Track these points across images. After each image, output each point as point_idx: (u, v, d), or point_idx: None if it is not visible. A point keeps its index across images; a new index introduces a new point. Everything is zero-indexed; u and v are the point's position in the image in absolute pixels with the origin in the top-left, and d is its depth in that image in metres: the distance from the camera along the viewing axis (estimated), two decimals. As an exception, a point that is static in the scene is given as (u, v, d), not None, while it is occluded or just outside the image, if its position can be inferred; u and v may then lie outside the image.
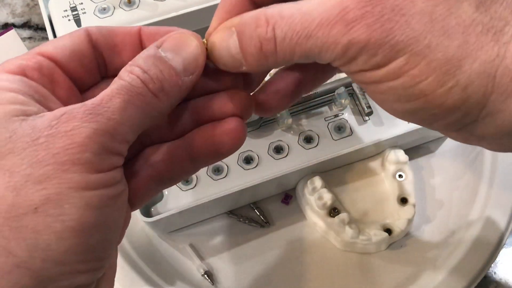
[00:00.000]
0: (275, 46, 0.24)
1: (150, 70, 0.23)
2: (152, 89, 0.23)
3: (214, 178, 0.43)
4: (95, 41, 0.26)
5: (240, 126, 0.26)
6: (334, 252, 0.44)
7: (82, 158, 0.21)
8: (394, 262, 0.43)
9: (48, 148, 0.21)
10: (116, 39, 0.26)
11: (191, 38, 0.25)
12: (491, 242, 0.42)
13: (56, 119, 0.21)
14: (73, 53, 0.25)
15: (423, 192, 0.45)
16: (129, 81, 0.23)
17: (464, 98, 0.23)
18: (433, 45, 0.22)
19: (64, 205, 0.21)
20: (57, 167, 0.21)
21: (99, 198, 0.21)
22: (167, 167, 0.26)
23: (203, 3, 0.47)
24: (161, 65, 0.24)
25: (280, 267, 0.44)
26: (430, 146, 0.47)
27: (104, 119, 0.22)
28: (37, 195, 0.20)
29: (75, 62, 0.25)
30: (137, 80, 0.23)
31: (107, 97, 0.22)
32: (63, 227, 0.20)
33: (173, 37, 0.25)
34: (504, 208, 0.43)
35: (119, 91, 0.22)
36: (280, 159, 0.44)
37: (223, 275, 0.43)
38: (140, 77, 0.23)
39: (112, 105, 0.22)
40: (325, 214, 0.42)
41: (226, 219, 0.45)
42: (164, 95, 0.24)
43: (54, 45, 0.25)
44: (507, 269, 0.44)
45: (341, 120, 0.45)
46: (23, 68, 0.24)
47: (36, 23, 0.57)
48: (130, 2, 0.48)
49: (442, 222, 0.44)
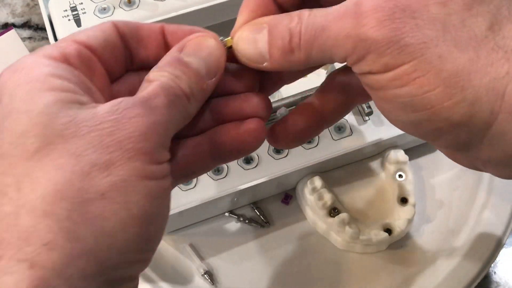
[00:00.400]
0: (300, 40, 0.24)
1: (180, 76, 0.24)
2: (186, 93, 0.24)
3: (214, 178, 0.43)
4: (123, 34, 0.26)
5: (262, 127, 0.27)
6: (334, 252, 0.44)
7: (144, 148, 0.21)
8: (394, 262, 0.43)
9: (112, 134, 0.21)
10: (141, 33, 0.26)
11: (211, 40, 0.26)
12: (491, 242, 0.42)
13: (117, 106, 0.22)
14: (107, 43, 0.25)
15: (423, 192, 0.45)
16: (165, 82, 0.23)
17: (470, 114, 0.22)
18: (444, 55, 0.22)
19: (130, 192, 0.21)
20: (122, 154, 0.21)
21: (158, 189, 0.22)
22: (189, 161, 0.27)
23: (203, 3, 0.47)
24: (187, 71, 0.24)
25: (280, 267, 0.44)
26: (430, 146, 0.47)
27: (158, 113, 0.22)
28: (104, 181, 0.20)
29: (108, 53, 0.25)
30: (172, 83, 0.23)
31: (153, 94, 0.23)
32: (128, 215, 0.21)
33: (193, 41, 0.25)
34: (504, 208, 0.43)
35: (162, 90, 0.23)
36: (280, 159, 0.44)
37: (223, 275, 0.43)
38: (174, 82, 0.24)
39: (160, 102, 0.22)
40: (325, 214, 0.42)
41: (226, 219, 0.45)
42: (194, 99, 0.24)
43: (87, 35, 0.25)
44: (507, 269, 0.44)
45: (341, 120, 0.45)
46: (66, 56, 0.24)
47: (36, 23, 0.57)
48: (130, 2, 0.48)
49: (442, 222, 0.44)
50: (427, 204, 0.45)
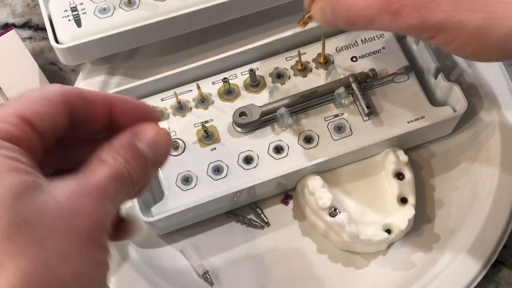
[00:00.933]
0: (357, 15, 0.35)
1: (131, 163, 0.26)
2: (133, 180, 0.26)
3: (214, 178, 0.43)
4: (71, 107, 0.26)
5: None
6: (334, 252, 0.44)
7: (97, 236, 0.24)
8: (394, 262, 0.43)
9: (71, 224, 0.23)
10: (90, 106, 0.27)
11: (166, 136, 0.28)
12: (491, 242, 0.42)
13: (75, 194, 0.23)
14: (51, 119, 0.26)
15: (423, 192, 0.45)
16: (118, 169, 0.25)
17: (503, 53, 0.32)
18: (463, 20, 0.31)
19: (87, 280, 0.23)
20: (80, 245, 0.23)
21: (106, 267, 0.25)
22: None
23: (203, 3, 0.47)
24: (139, 159, 0.26)
25: (280, 267, 0.44)
26: (430, 146, 0.47)
27: (108, 202, 0.24)
28: (66, 272, 0.22)
29: (50, 128, 0.26)
30: (124, 170, 0.25)
31: (106, 181, 0.24)
32: None
33: (150, 131, 0.27)
34: (504, 208, 0.43)
35: (114, 179, 0.25)
36: (280, 159, 0.44)
37: (223, 275, 0.43)
38: (125, 168, 0.25)
39: (112, 191, 0.24)
40: (325, 214, 0.42)
41: (226, 219, 0.45)
42: (137, 185, 0.26)
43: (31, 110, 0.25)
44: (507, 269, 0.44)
45: (341, 120, 0.45)
46: (14, 136, 0.24)
47: (37, 23, 0.57)
48: (130, 2, 0.48)
49: (442, 222, 0.44)
50: (427, 204, 0.45)
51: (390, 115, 0.45)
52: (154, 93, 0.47)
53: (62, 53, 0.47)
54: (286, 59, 0.47)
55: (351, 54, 0.47)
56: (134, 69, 0.52)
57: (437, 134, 0.47)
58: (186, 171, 0.43)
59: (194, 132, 0.45)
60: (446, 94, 0.45)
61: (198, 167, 0.44)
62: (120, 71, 0.51)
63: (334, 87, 0.44)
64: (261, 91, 0.47)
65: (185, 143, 0.45)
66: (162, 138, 0.28)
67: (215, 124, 0.45)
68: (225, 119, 0.45)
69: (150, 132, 0.27)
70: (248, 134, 0.45)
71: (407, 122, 0.44)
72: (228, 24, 0.50)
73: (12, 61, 0.50)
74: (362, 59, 0.47)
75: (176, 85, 0.47)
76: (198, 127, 0.45)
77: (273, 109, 0.44)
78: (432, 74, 0.46)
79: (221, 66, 0.47)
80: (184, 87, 0.47)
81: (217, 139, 0.45)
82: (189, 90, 0.47)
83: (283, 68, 0.47)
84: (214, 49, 0.52)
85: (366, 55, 0.47)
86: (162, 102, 0.46)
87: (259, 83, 0.47)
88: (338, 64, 0.47)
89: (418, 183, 0.45)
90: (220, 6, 0.48)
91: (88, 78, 0.50)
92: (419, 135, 0.45)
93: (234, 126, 0.45)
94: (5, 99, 0.50)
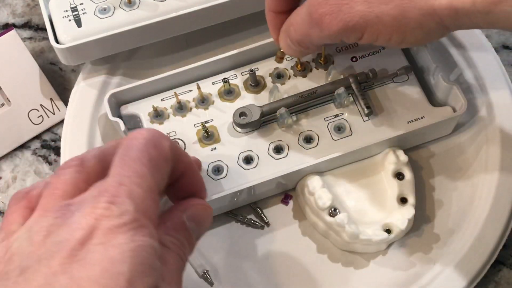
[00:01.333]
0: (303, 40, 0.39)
1: (183, 244, 0.29)
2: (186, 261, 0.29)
3: (214, 178, 0.43)
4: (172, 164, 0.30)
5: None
6: (334, 252, 0.44)
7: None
8: (394, 262, 0.43)
9: None
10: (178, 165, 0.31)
11: (211, 214, 0.32)
12: (491, 242, 0.42)
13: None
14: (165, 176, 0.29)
15: (423, 192, 0.45)
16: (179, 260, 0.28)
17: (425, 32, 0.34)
18: (379, 14, 0.33)
19: None
20: None
21: None
22: None
23: (203, 3, 0.47)
24: (188, 238, 0.29)
25: (280, 267, 0.44)
26: (430, 146, 0.47)
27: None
28: None
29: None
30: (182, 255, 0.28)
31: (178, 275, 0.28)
32: None
33: (199, 209, 0.31)
34: (504, 208, 0.43)
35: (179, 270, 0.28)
36: (280, 159, 0.44)
37: (223, 275, 0.43)
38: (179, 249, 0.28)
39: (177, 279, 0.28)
40: (325, 214, 0.42)
41: (226, 219, 0.45)
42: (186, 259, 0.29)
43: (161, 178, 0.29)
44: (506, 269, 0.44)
45: (341, 120, 0.45)
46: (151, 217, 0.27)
47: (37, 23, 0.57)
48: (130, 3, 0.48)
49: (442, 222, 0.44)
50: (427, 204, 0.45)
51: (390, 115, 0.45)
52: (154, 93, 0.47)
53: (62, 53, 0.47)
54: (286, 59, 0.47)
55: (351, 54, 0.47)
56: (134, 69, 0.52)
57: (437, 134, 0.47)
58: (186, 171, 0.43)
59: (194, 132, 0.45)
60: (446, 94, 0.45)
61: (198, 167, 0.44)
62: (120, 71, 0.51)
63: (334, 87, 0.44)
64: (261, 91, 0.47)
65: (185, 143, 0.45)
66: (209, 214, 0.32)
67: (215, 124, 0.45)
68: (225, 119, 0.45)
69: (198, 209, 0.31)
70: (248, 134, 0.45)
71: (407, 122, 0.44)
72: (228, 24, 0.50)
73: (12, 61, 0.50)
74: (362, 59, 0.47)
75: (176, 85, 0.47)
76: (198, 127, 0.45)
77: (273, 109, 0.44)
78: (432, 74, 0.46)
79: (221, 66, 0.47)
80: (184, 87, 0.47)
81: (217, 139, 0.45)
82: (189, 90, 0.47)
83: (283, 68, 0.47)
84: (214, 49, 0.52)
85: (366, 55, 0.47)
86: (162, 102, 0.47)
87: (259, 83, 0.47)
88: (338, 64, 0.47)
89: (418, 183, 0.45)
90: (220, 6, 0.48)
91: (88, 78, 0.50)
92: (419, 135, 0.45)
93: (234, 126, 0.45)
94: (5, 99, 0.50)
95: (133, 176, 0.26)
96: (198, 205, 0.31)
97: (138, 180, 0.26)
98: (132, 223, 0.25)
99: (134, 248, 0.24)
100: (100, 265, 0.23)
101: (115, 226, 0.25)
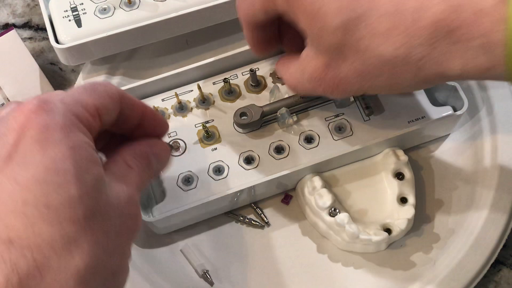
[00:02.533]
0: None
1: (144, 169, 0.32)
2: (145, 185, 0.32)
3: (215, 179, 0.43)
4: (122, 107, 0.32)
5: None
6: (334, 252, 0.44)
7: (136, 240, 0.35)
8: (394, 262, 0.43)
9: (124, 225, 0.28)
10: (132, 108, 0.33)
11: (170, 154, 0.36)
12: (490, 242, 0.42)
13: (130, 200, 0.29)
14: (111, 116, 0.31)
15: (423, 192, 0.46)
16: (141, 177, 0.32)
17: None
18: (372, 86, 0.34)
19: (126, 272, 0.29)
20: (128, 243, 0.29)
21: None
22: None
23: (203, 3, 0.47)
24: (149, 166, 0.33)
25: (280, 267, 0.44)
26: (430, 146, 0.47)
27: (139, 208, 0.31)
28: (116, 263, 0.27)
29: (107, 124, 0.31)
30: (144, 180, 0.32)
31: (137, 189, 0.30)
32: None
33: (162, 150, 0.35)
34: (504, 208, 0.43)
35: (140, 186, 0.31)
36: (280, 159, 0.44)
37: (223, 275, 0.43)
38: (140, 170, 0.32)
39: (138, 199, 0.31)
40: (325, 214, 0.42)
41: (226, 219, 0.45)
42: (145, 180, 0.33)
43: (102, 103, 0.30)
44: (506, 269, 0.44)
45: (341, 120, 0.45)
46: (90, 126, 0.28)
47: (37, 23, 0.57)
48: (130, 3, 0.48)
49: (442, 222, 0.44)
50: (427, 204, 0.45)
51: (390, 115, 0.45)
52: (155, 94, 0.47)
53: (62, 53, 0.47)
54: (286, 59, 0.47)
55: (351, 54, 0.47)
56: (134, 69, 0.52)
57: (437, 134, 0.47)
58: (187, 172, 0.43)
59: (195, 132, 0.45)
60: (446, 94, 0.46)
61: (199, 167, 0.44)
62: (120, 71, 0.51)
63: (335, 87, 0.44)
64: (261, 91, 0.47)
65: (186, 144, 0.45)
66: (168, 155, 0.36)
67: (216, 124, 0.45)
68: (226, 119, 0.45)
69: (160, 148, 0.34)
70: (248, 134, 0.45)
71: (407, 122, 0.44)
72: (228, 24, 0.50)
73: (12, 61, 0.50)
74: (362, 59, 0.47)
75: (177, 86, 0.47)
76: (199, 128, 0.45)
77: (274, 109, 0.44)
78: (432, 74, 0.46)
79: (221, 66, 0.47)
80: (185, 87, 0.47)
81: (218, 139, 0.45)
82: (189, 90, 0.47)
83: (283, 68, 0.47)
84: (214, 49, 0.52)
85: (366, 55, 0.47)
86: (163, 102, 0.47)
87: (259, 83, 0.47)
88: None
89: (418, 183, 0.45)
90: (220, 6, 0.48)
91: (88, 78, 0.50)
92: (419, 135, 0.45)
93: (235, 126, 0.45)
94: (5, 99, 0.50)
95: (67, 92, 0.28)
96: (161, 146, 0.35)
97: (71, 93, 0.28)
98: (65, 121, 0.26)
99: (72, 145, 0.25)
100: (43, 165, 0.24)
101: (48, 123, 0.25)
